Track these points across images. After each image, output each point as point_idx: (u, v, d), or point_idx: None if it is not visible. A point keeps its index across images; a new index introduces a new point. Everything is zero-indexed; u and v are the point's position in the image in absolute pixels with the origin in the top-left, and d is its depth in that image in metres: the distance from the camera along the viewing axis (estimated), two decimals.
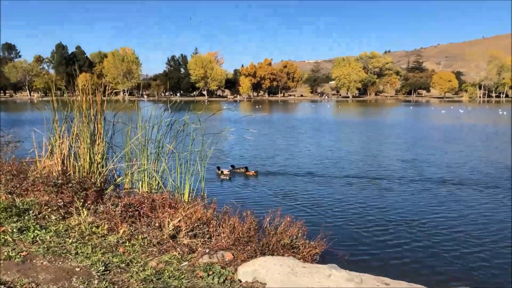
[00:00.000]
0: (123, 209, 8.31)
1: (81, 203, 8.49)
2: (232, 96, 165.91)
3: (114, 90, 11.23)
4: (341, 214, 10.26)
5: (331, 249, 7.13)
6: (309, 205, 10.90)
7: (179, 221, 7.46)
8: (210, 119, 10.74)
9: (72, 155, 10.61)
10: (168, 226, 7.31)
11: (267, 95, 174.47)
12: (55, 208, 8.17)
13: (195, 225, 7.49)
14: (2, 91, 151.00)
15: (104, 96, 11.05)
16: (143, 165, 10.55)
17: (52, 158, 10.62)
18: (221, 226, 7.47)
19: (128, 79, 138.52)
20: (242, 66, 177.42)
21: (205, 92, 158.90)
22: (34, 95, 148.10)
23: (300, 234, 6.96)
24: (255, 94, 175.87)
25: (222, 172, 14.29)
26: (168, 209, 8.91)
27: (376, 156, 19.42)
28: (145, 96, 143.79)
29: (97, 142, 10.64)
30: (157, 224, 7.46)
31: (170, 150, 10.57)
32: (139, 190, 10.54)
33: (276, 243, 6.95)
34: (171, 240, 6.97)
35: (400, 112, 65.45)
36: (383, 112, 65.55)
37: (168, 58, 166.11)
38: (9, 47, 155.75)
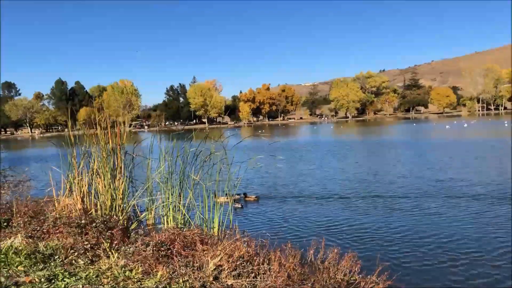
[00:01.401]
0: (154, 248, 7.74)
1: (108, 244, 7.92)
2: (233, 122, 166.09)
3: (134, 123, 10.77)
4: (390, 242, 9.48)
5: (397, 285, 6.45)
6: (347, 232, 10.26)
7: (220, 259, 6.87)
8: (228, 147, 10.20)
9: (92, 192, 10.06)
10: (209, 266, 6.71)
11: (267, 120, 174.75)
12: (81, 251, 7.58)
13: (238, 263, 6.89)
14: (3, 129, 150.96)
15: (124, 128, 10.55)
16: (167, 198, 9.99)
17: (71, 196, 10.08)
18: (265, 263, 6.88)
19: (128, 111, 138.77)
20: (241, 92, 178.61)
21: (205, 120, 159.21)
22: (35, 132, 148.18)
23: (356, 269, 6.32)
24: (255, 119, 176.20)
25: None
26: (201, 246, 8.33)
27: (407, 177, 18.35)
28: (146, 127, 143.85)
29: (117, 177, 10.10)
30: (196, 264, 6.86)
31: (195, 181, 10.02)
32: (164, 226, 9.95)
33: (329, 279, 6.35)
34: (214, 282, 6.37)
35: (405, 130, 64.90)
36: (390, 131, 64.94)
37: (167, 88, 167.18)
38: (9, 86, 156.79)
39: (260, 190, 15.37)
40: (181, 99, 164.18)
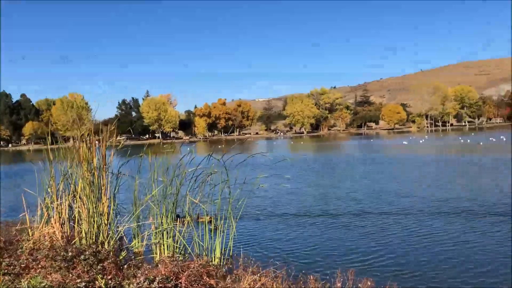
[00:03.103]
0: (160, 285, 6.72)
1: (104, 281, 6.81)
2: (188, 137, 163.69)
3: (119, 138, 9.67)
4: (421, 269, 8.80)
5: None
6: (365, 254, 9.54)
7: None
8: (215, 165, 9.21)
9: (76, 217, 8.85)
10: None
11: (222, 135, 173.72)
12: None
13: None
14: None
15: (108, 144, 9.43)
16: (160, 224, 8.94)
17: (48, 223, 8.81)
18: None
19: (78, 125, 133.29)
20: (196, 107, 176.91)
21: (158, 135, 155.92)
22: None
23: None
24: (210, 134, 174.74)
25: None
26: (207, 279, 7.39)
27: (409, 195, 17.16)
28: (97, 142, 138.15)
29: (102, 201, 8.95)
30: None
31: (194, 204, 9.04)
32: (157, 256, 8.88)
33: None
34: None
35: (368, 146, 65.74)
36: (353, 147, 65.53)
37: (118, 102, 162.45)
38: None
39: (251, 210, 14.34)
40: (134, 113, 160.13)
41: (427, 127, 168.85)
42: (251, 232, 11.86)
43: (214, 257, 8.54)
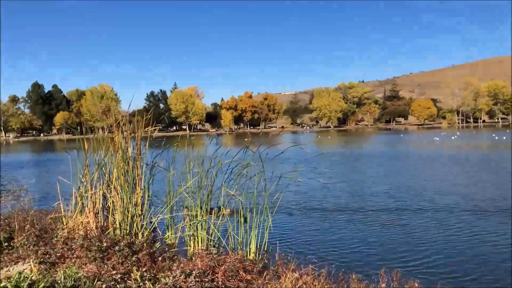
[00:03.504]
0: (197, 279, 6.51)
1: (139, 273, 6.65)
2: (214, 130, 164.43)
3: (155, 127, 9.48)
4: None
5: None
6: (392, 251, 9.14)
7: None
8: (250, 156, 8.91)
9: (111, 207, 8.75)
10: None
11: (248, 128, 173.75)
12: (110, 283, 6.28)
13: None
14: None
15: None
16: (194, 216, 8.74)
17: (82, 212, 8.73)
18: None
19: (107, 116, 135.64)
20: (222, 99, 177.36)
21: (186, 127, 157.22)
22: (9, 136, 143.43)
23: None
24: (236, 126, 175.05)
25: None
26: (244, 275, 7.15)
27: (444, 191, 16.71)
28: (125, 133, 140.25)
29: (136, 191, 8.82)
30: None
31: (231, 196, 8.80)
32: (190, 248, 8.70)
33: None
34: None
35: (396, 141, 64.33)
36: (385, 142, 64.25)
37: (147, 94, 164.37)
38: None
39: (283, 204, 13.96)
40: (162, 106, 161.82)
41: (458, 123, 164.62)
42: (284, 227, 11.54)
43: (249, 251, 8.28)
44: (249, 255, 8.23)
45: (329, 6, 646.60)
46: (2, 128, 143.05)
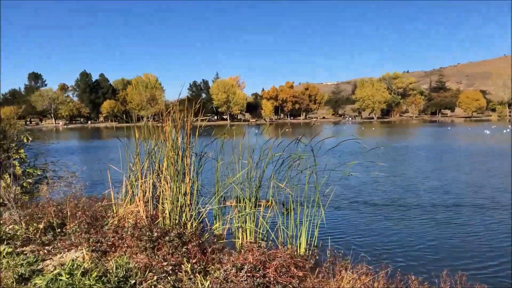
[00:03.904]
0: (248, 274, 6.32)
1: (190, 265, 6.53)
2: (255, 120, 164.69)
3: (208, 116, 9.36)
4: None
5: None
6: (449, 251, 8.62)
7: None
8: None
9: (160, 197, 8.71)
10: None
11: (288, 118, 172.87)
12: (161, 274, 6.19)
13: None
14: (28, 120, 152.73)
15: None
16: (243, 208, 8.56)
17: (132, 201, 8.73)
18: None
19: (151, 105, 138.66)
20: (263, 89, 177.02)
21: (227, 116, 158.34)
22: (59, 123, 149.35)
23: None
24: (276, 117, 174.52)
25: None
26: (295, 270, 6.91)
27: (505, 188, 15.39)
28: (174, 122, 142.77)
29: (186, 180, 8.72)
30: None
31: (281, 189, 8.54)
32: (238, 240, 8.55)
33: None
34: None
35: (445, 134, 61.87)
36: (431, 134, 61.91)
37: (190, 84, 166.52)
38: (36, 76, 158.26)
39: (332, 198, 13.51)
40: (204, 95, 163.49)
41: (509, 116, 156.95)
42: (334, 222, 11.14)
43: (299, 246, 8.02)
44: (299, 251, 7.96)
45: None
46: (52, 115, 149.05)
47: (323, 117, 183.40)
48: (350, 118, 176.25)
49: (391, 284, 6.22)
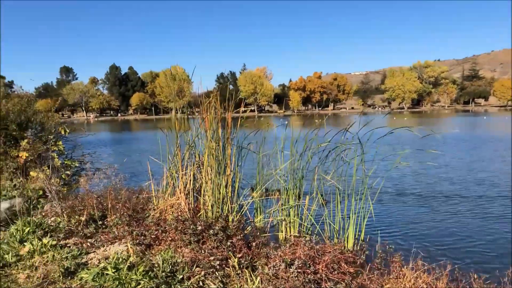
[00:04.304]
0: (299, 270, 6.03)
1: (236, 260, 6.29)
2: (282, 111, 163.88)
3: (245, 108, 9.07)
4: None
5: None
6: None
7: None
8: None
9: (199, 188, 8.51)
10: None
11: (316, 109, 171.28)
12: (209, 269, 5.97)
13: None
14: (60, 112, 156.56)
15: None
16: (286, 201, 8.27)
17: (174, 192, 8.56)
18: None
19: (180, 97, 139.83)
20: (290, 80, 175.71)
21: (254, 108, 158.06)
22: (90, 116, 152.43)
23: None
24: (304, 108, 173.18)
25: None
26: (345, 266, 6.57)
27: None
28: (197, 114, 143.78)
29: (227, 172, 8.48)
30: None
31: (328, 182, 8.19)
32: (281, 234, 8.26)
33: None
34: None
35: (482, 123, 59.64)
36: (469, 123, 59.65)
37: (217, 75, 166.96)
38: (67, 70, 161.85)
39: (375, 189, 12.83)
40: (231, 87, 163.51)
41: None
42: (381, 214, 10.64)
43: (347, 241, 7.67)
44: (347, 245, 7.62)
45: None
46: (83, 108, 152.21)
47: (352, 108, 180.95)
48: (380, 108, 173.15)
49: (451, 282, 5.82)
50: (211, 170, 8.34)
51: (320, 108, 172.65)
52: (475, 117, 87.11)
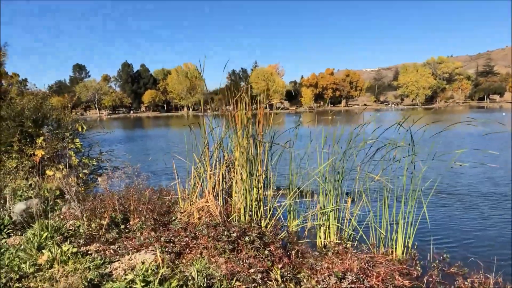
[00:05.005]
0: (352, 285, 5.33)
1: (279, 272, 5.60)
2: (294, 108, 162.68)
3: (273, 103, 8.42)
4: None
5: None
6: None
7: None
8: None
9: (234, 189, 7.82)
10: None
11: (328, 106, 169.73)
12: (251, 284, 5.28)
13: None
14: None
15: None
16: (324, 204, 7.54)
17: (202, 194, 7.88)
18: None
19: (191, 94, 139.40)
20: (302, 77, 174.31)
21: (265, 105, 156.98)
22: (103, 113, 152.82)
23: None
24: (316, 104, 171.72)
25: None
26: (399, 279, 5.84)
27: None
28: (209, 111, 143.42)
29: (258, 172, 7.78)
30: None
31: (374, 181, 7.45)
32: (320, 240, 7.53)
33: None
34: None
35: (502, 120, 57.97)
36: (489, 120, 58.11)
37: (228, 72, 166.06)
38: (80, 68, 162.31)
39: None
40: (242, 83, 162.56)
41: None
42: (430, 219, 9.75)
43: (396, 249, 6.92)
44: (396, 254, 6.87)
45: None
46: (96, 106, 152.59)
47: (365, 104, 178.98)
48: (393, 105, 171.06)
49: None
50: (243, 169, 7.66)
51: (332, 105, 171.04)
52: (492, 113, 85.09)
